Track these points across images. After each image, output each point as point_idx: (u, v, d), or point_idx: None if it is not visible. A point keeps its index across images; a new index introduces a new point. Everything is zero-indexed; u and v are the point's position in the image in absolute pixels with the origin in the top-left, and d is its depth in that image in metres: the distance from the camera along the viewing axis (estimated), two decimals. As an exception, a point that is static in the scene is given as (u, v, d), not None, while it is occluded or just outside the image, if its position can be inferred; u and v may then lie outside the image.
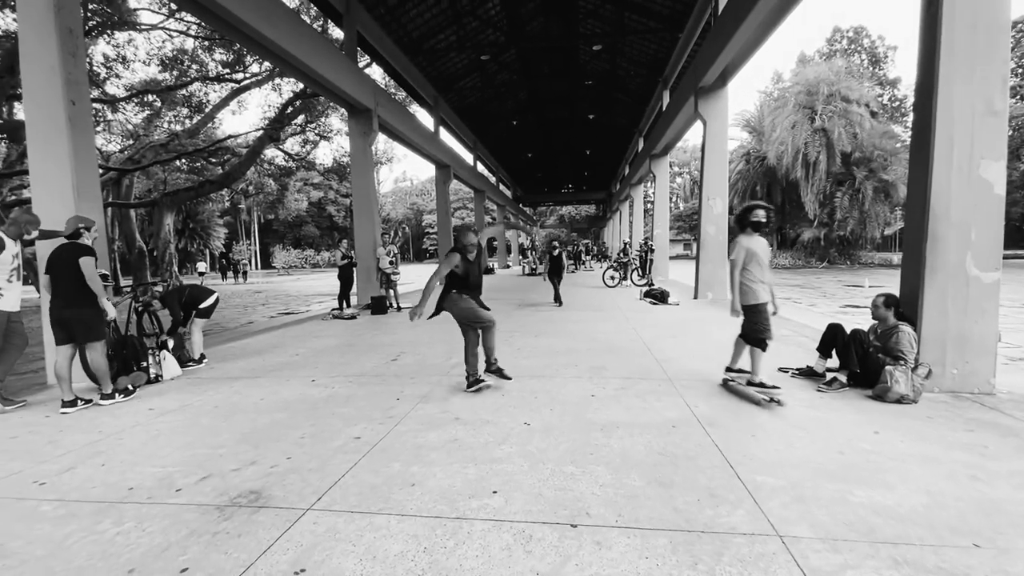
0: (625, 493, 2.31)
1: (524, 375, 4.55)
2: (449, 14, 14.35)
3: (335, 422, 3.40)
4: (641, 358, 5.13)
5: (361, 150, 11.35)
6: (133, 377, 4.61)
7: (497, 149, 28.68)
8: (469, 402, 3.77)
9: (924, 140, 3.90)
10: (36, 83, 4.70)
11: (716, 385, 4.10)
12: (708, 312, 8.62)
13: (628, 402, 3.68)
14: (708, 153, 10.60)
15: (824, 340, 4.29)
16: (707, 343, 5.90)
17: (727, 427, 3.15)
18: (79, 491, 2.51)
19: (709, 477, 2.46)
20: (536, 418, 3.36)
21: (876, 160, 27.18)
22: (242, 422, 3.47)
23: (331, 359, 5.54)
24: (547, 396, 3.87)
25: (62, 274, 3.94)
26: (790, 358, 5.00)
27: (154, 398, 4.20)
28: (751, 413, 3.41)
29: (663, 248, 17.52)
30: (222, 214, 47.88)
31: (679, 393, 3.89)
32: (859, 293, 13.72)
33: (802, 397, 3.78)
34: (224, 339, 7.44)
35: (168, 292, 5.57)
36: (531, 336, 6.56)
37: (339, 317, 9.03)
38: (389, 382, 4.44)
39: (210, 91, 19.56)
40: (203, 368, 5.32)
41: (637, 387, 4.07)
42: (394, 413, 3.55)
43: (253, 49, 8.29)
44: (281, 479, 2.54)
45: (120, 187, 18.50)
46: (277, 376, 4.83)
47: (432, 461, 2.71)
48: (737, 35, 8.27)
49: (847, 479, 2.43)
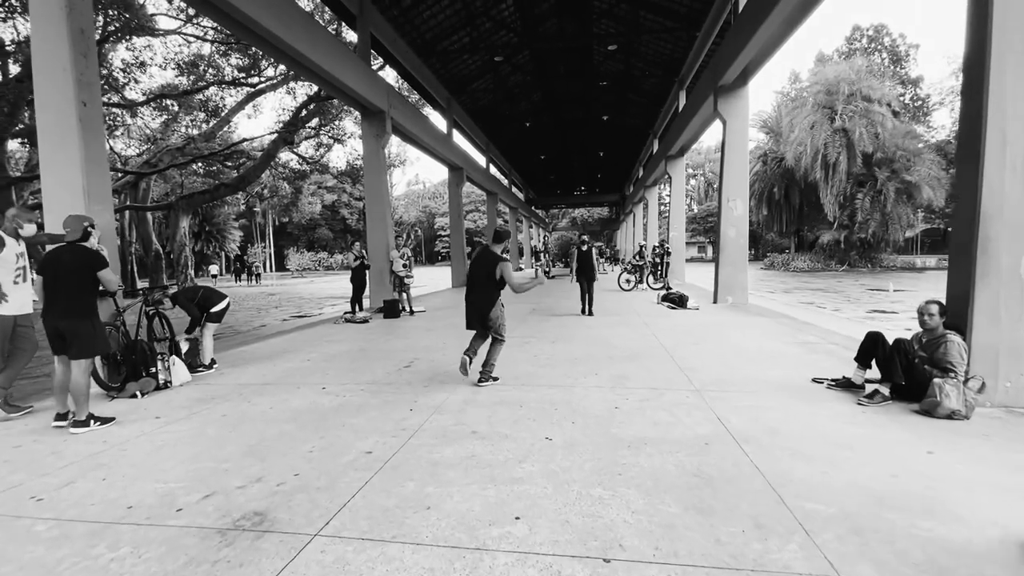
0: (661, 521, 2.10)
1: (542, 384, 4.35)
2: (463, 15, 14.25)
3: (345, 434, 3.23)
4: (664, 366, 4.90)
5: (374, 152, 11.27)
6: (142, 383, 4.51)
7: (510, 151, 28.54)
8: (486, 414, 3.58)
9: (973, 130, 3.62)
10: (47, 84, 4.63)
11: (745, 395, 3.86)
12: (729, 317, 8.34)
13: (655, 415, 3.46)
14: (728, 153, 10.31)
15: (863, 349, 4.03)
16: (731, 350, 5.64)
17: (764, 444, 2.92)
18: (77, 508, 2.37)
19: (752, 503, 2.24)
20: (558, 433, 3.16)
21: (899, 161, 26.47)
22: (250, 433, 3.33)
23: (342, 365, 5.40)
24: (568, 408, 3.66)
25: (65, 281, 3.56)
26: (822, 367, 4.73)
27: (162, 406, 4.09)
28: (788, 429, 3.17)
29: (679, 251, 17.19)
30: (237, 217, 48.47)
31: (708, 406, 3.65)
32: (885, 298, 13.26)
33: (842, 411, 3.52)
34: (236, 343, 7.36)
35: (180, 292, 5.49)
36: (547, 342, 6.36)
37: (351, 321, 8.92)
38: (402, 391, 4.27)
39: (226, 95, 19.75)
40: (213, 374, 5.21)
41: (663, 398, 3.84)
42: (407, 425, 3.38)
43: (267, 51, 8.25)
44: (287, 499, 2.38)
45: (137, 190, 18.72)
46: (287, 383, 4.69)
47: (449, 480, 2.53)
48: (759, 32, 8.00)
49: (907, 508, 2.19)
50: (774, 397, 3.84)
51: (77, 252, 3.66)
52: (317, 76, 9.17)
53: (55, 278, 3.55)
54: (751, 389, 4.06)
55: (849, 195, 27.85)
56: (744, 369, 4.75)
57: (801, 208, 33.41)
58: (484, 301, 4.32)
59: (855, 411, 3.53)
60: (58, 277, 3.56)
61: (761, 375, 4.52)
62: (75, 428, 3.48)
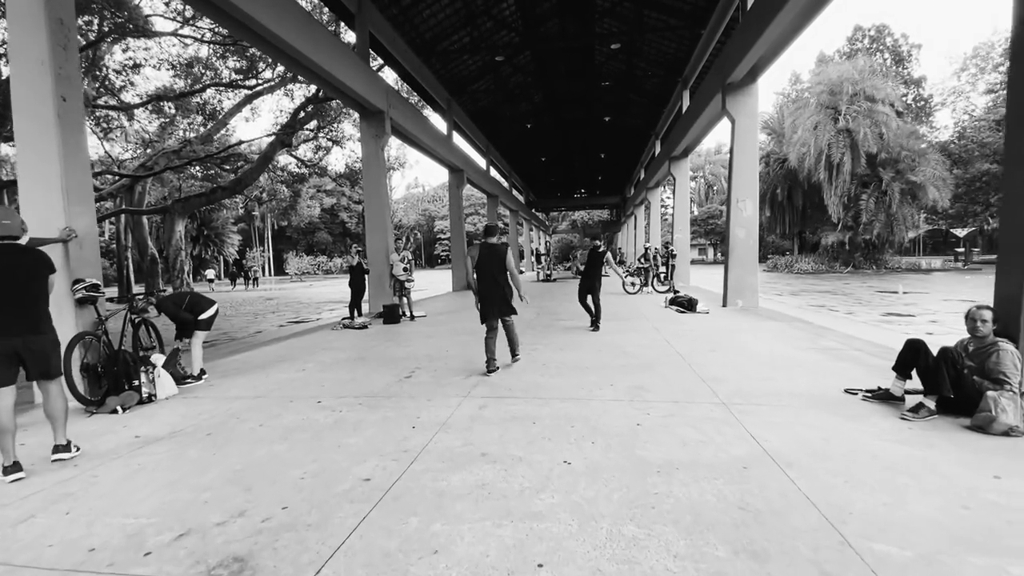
0: (710, 569, 1.79)
1: (555, 397, 4.04)
2: (463, 15, 13.99)
3: (341, 457, 2.92)
4: (683, 376, 4.59)
5: (373, 153, 10.98)
6: (124, 397, 4.20)
7: (510, 153, 28.28)
8: (496, 432, 3.27)
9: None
10: (24, 78, 4.34)
11: (776, 409, 3.55)
12: (742, 321, 8.03)
13: (682, 433, 3.15)
14: (737, 153, 10.04)
15: (902, 358, 3.71)
16: (750, 357, 5.33)
17: (810, 468, 2.61)
18: (31, 551, 2.06)
19: (812, 545, 1.93)
20: (577, 455, 2.85)
21: (904, 161, 26.17)
22: (235, 455, 3.01)
23: (340, 375, 5.09)
24: (585, 425, 3.35)
25: (20, 287, 2.91)
26: (851, 376, 4.42)
27: (143, 422, 3.78)
28: (832, 449, 2.86)
29: (684, 253, 16.89)
30: (236, 221, 48.15)
31: (739, 421, 3.34)
32: (897, 300, 12.95)
33: (885, 427, 3.21)
34: (229, 351, 7.05)
35: (165, 298, 5.18)
36: (555, 350, 6.05)
37: (350, 327, 8.61)
38: (403, 405, 3.96)
39: (223, 98, 19.48)
40: (201, 385, 4.90)
41: (688, 413, 3.53)
42: (409, 446, 3.06)
43: (264, 49, 7.97)
44: (273, 539, 2.06)
45: (133, 194, 18.42)
46: (280, 396, 4.38)
47: (458, 515, 2.21)
48: (771, 27, 7.73)
49: (991, 549, 1.88)
50: (808, 411, 3.53)
51: (31, 254, 3.05)
52: (314, 75, 8.89)
53: (6, 285, 2.89)
54: (781, 402, 3.75)
55: (853, 196, 27.56)
56: (769, 378, 4.44)
57: (804, 209, 33.13)
58: (504, 288, 4.93)
59: (900, 427, 3.21)
60: (9, 284, 2.89)
61: (788, 385, 4.21)
62: (57, 455, 3.02)
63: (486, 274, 4.95)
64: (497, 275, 4.93)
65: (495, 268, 4.92)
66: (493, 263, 4.92)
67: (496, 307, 4.94)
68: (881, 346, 5.82)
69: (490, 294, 4.94)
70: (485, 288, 4.95)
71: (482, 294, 4.97)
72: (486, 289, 4.94)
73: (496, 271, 4.92)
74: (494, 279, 4.92)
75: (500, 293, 4.93)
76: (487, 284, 4.95)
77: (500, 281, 4.93)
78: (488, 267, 4.93)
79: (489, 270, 4.93)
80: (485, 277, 4.96)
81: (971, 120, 35.71)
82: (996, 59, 36.68)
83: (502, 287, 4.95)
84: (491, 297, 4.94)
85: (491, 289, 4.93)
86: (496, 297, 4.93)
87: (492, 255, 4.94)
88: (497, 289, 4.93)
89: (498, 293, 4.93)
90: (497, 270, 4.93)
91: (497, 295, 4.93)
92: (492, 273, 4.92)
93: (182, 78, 17.76)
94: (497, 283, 4.93)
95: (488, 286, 4.94)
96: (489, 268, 4.92)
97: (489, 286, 4.94)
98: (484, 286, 4.96)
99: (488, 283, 4.94)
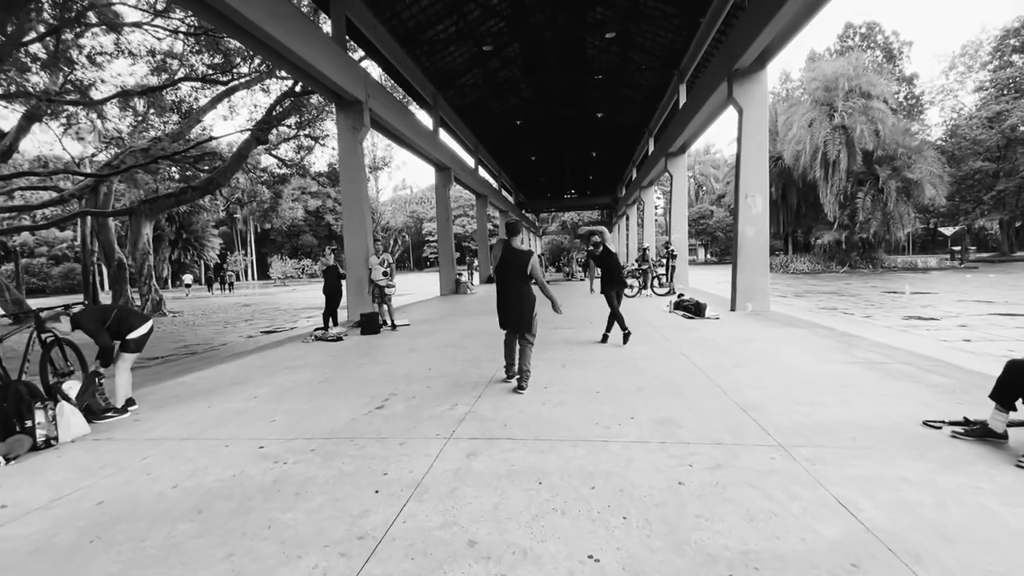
0: None
1: (564, 438, 3.18)
2: (448, 2, 13.14)
3: (267, 550, 2.04)
4: (716, 404, 3.76)
5: (351, 147, 10.07)
6: (10, 444, 3.26)
7: (499, 151, 27.42)
8: (489, 501, 2.40)
9: None
10: None
11: (852, 454, 2.73)
12: (758, 329, 7.25)
13: (743, 499, 2.31)
14: (745, 145, 9.29)
15: (1004, 384, 2.91)
16: (786, 375, 4.52)
17: (945, 564, 1.79)
18: None
19: None
20: (606, 543, 2.00)
21: (900, 158, 25.77)
22: (120, 544, 2.12)
23: (297, 405, 4.18)
24: (608, 485, 2.50)
25: None
26: (917, 400, 3.62)
27: (23, 482, 2.85)
28: (958, 524, 2.04)
29: (683, 253, 16.18)
30: (217, 224, 46.73)
31: (811, 476, 2.52)
32: (910, 302, 12.30)
33: (1006, 483, 2.41)
34: (178, 370, 6.10)
35: (83, 313, 4.23)
36: (557, 367, 5.20)
37: (323, 339, 7.68)
38: (368, 451, 3.08)
39: (199, 96, 18.38)
40: (124, 421, 3.97)
41: (740, 463, 2.70)
42: (367, 527, 2.19)
43: (224, 28, 7.04)
44: None
45: (98, 195, 17.20)
46: (216, 435, 3.48)
47: None
48: (785, 6, 7.02)
49: None
50: (896, 458, 2.71)
51: None
52: (281, 57, 7.98)
53: None
54: (852, 441, 2.94)
55: (849, 194, 27.12)
56: (818, 403, 3.63)
57: (799, 208, 32.73)
58: (522, 300, 4.37)
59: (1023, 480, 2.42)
60: None
61: (846, 414, 3.41)
62: None
63: (505, 279, 4.44)
64: (517, 282, 4.37)
65: (515, 274, 4.36)
66: (514, 270, 4.37)
67: (511, 320, 4.45)
68: (930, 358, 5.05)
69: (506, 303, 4.44)
70: (503, 294, 4.47)
71: (499, 299, 4.51)
72: (503, 295, 4.47)
73: (516, 277, 4.37)
74: (513, 286, 4.39)
75: (516, 306, 4.38)
76: (505, 290, 4.45)
77: (519, 289, 4.37)
78: (508, 272, 4.40)
79: (509, 275, 4.40)
80: (504, 282, 4.45)
81: (963, 118, 35.68)
82: (984, 57, 36.76)
83: (519, 299, 4.37)
84: (507, 306, 4.44)
85: (508, 298, 4.43)
86: (511, 307, 4.40)
87: (514, 261, 4.37)
88: (514, 298, 4.38)
89: (514, 304, 4.39)
90: (517, 277, 4.36)
91: (513, 306, 4.40)
92: (511, 279, 4.39)
93: (151, 70, 16.65)
94: (515, 291, 4.38)
95: (506, 293, 4.44)
96: (509, 273, 4.40)
97: (507, 293, 4.43)
98: (502, 291, 4.48)
99: (506, 289, 4.43)
